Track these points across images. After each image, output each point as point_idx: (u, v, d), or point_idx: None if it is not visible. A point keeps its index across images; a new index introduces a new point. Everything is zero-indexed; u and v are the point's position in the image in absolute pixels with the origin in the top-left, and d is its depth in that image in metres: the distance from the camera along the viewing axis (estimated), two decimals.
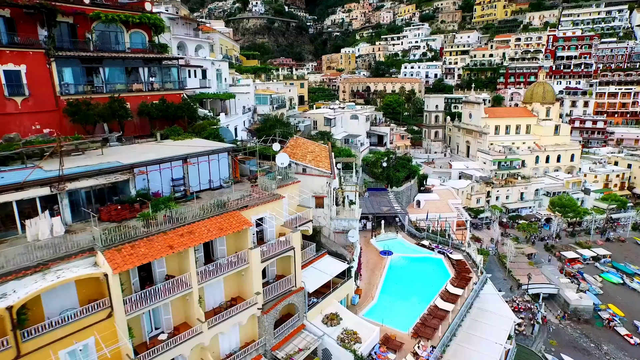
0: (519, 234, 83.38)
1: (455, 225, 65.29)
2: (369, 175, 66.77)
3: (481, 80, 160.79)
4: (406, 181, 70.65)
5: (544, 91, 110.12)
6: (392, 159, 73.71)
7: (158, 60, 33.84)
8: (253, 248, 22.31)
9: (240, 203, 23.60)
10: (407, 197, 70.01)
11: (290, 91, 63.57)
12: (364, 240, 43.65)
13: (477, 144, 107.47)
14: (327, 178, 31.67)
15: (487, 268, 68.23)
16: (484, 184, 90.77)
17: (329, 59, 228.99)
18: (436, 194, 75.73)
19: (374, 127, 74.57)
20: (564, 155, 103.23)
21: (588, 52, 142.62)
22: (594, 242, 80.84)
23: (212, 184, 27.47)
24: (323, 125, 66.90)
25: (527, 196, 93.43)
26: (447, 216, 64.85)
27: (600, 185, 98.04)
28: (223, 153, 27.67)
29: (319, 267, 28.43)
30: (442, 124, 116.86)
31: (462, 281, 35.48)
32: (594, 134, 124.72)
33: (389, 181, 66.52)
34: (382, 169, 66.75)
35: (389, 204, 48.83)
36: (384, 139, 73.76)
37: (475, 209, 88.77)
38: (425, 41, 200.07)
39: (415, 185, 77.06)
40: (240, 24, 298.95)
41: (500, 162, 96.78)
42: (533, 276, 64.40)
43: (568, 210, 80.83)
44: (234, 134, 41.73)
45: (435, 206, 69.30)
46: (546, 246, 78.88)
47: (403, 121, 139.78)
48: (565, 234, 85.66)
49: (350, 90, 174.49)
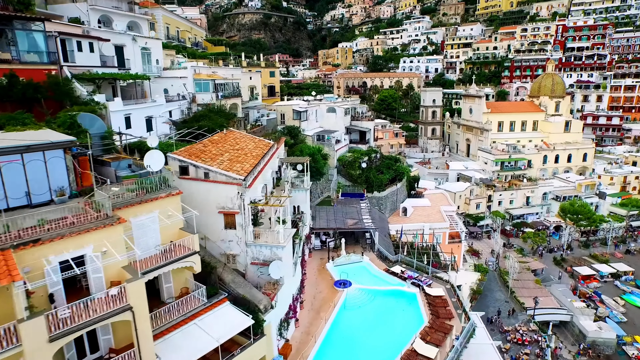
0: (524, 245, 72.67)
1: (448, 237, 54.93)
2: (345, 177, 56.66)
3: (484, 74, 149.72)
4: (391, 184, 60.41)
5: (553, 83, 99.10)
6: (376, 159, 63.47)
7: (6, 20, 24.12)
8: (26, 319, 12.28)
9: (29, 234, 13.74)
10: (392, 204, 59.80)
11: (252, 79, 53.69)
12: (317, 265, 33.73)
13: (478, 142, 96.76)
14: (238, 186, 21.76)
15: (485, 287, 57.81)
16: (484, 186, 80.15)
17: (325, 54, 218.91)
18: (427, 199, 65.36)
19: (355, 121, 64.37)
20: (575, 154, 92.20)
21: (601, 43, 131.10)
22: (611, 255, 69.93)
23: (34, 198, 17.57)
24: (292, 119, 56.98)
25: (533, 201, 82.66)
26: (438, 227, 54.53)
27: (616, 188, 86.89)
28: (54, 150, 17.79)
29: (206, 323, 18.23)
30: (440, 120, 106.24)
31: (438, 333, 25.07)
32: (609, 131, 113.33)
33: (369, 185, 56.33)
34: (362, 170, 56.60)
35: (357, 215, 38.71)
36: (366, 135, 63.59)
37: (475, 216, 78.23)
38: (425, 34, 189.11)
39: (405, 188, 66.78)
40: (236, 19, 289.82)
41: (503, 162, 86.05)
42: (541, 299, 53.91)
43: (581, 218, 70.02)
44: (145, 126, 31.96)
45: (425, 214, 58.99)
46: (556, 259, 68.18)
47: (399, 118, 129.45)
48: (577, 245, 74.79)
49: (345, 86, 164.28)
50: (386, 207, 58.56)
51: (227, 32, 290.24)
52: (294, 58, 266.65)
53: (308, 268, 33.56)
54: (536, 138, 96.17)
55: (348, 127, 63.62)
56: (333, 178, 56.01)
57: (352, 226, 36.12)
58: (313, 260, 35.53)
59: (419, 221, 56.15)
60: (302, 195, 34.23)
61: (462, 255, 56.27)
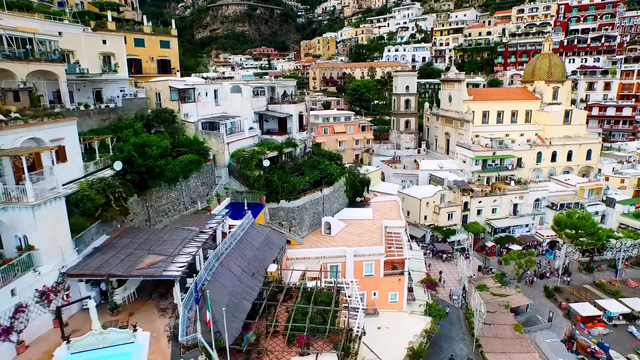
0: (507, 269, 55.41)
1: (382, 268, 37.94)
2: (240, 180, 39.94)
3: (476, 62, 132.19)
4: (315, 190, 43.58)
5: (550, 65, 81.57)
6: (300, 154, 46.76)
7: None
8: None
9: None
10: (313, 217, 42.95)
11: (106, 44, 37.25)
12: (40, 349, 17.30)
13: (458, 137, 79.52)
14: None
15: (444, 334, 40.79)
16: (459, 191, 62.99)
17: (308, 45, 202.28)
18: (372, 209, 48.49)
19: (273, 105, 47.67)
20: (577, 151, 74.68)
21: (610, 23, 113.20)
22: (623, 284, 52.52)
23: None
24: (169, 100, 40.49)
25: (522, 209, 65.35)
26: (368, 253, 37.60)
27: (629, 193, 69.24)
28: None
29: None
30: (415, 111, 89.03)
31: None
32: (619, 124, 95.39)
33: (273, 191, 39.58)
34: (264, 170, 39.84)
35: (174, 248, 21.78)
36: (287, 123, 46.90)
37: (446, 229, 61.21)
38: (414, 22, 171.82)
39: (344, 195, 49.98)
40: (219, 11, 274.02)
41: (485, 160, 68.83)
42: (521, 356, 37.02)
43: (581, 234, 52.63)
44: None
45: (359, 232, 42.12)
46: (547, 290, 50.96)
47: (374, 110, 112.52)
48: (577, 267, 57.49)
49: (321, 77, 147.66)
50: (302, 223, 41.76)
51: (211, 25, 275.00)
52: (280, 52, 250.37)
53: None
54: (530, 131, 78.81)
55: (262, 113, 47.00)
56: (221, 181, 39.33)
57: (144, 271, 19.58)
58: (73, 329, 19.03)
59: (345, 243, 39.30)
60: (25, 216, 17.92)
61: (405, 294, 39.23)
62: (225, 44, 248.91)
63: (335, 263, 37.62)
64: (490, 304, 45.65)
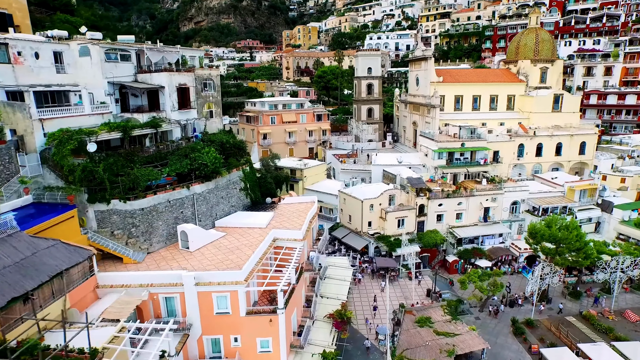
0: (464, 294, 42.26)
1: (242, 303, 25.03)
2: (57, 172, 27.36)
3: (463, 48, 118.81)
4: (179, 186, 30.78)
5: (537, 42, 68.12)
6: (179, 140, 34.08)
7: None
8: None
9: None
10: (170, 225, 30.12)
11: None
12: None
13: (425, 125, 66.36)
14: None
15: None
16: (413, 191, 49.79)
17: (290, 35, 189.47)
18: (274, 214, 35.67)
19: (143, 74, 35.07)
20: (568, 143, 61.29)
21: (614, 1, 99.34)
22: (620, 316, 39.15)
23: None
24: None
25: (496, 214, 52.06)
26: (218, 279, 24.75)
27: (630, 195, 55.72)
28: None
29: None
30: (379, 97, 75.92)
31: None
32: (620, 114, 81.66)
33: (99, 187, 26.93)
34: (90, 158, 27.18)
35: None
36: (159, 98, 34.31)
37: (394, 239, 47.94)
38: (400, 8, 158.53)
39: (240, 195, 37.18)
40: (204, 2, 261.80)
41: (452, 152, 55.65)
42: None
43: (563, 249, 39.34)
44: None
45: (231, 247, 29.30)
46: (516, 324, 37.60)
47: (342, 100, 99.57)
48: (562, 290, 44.24)
49: (295, 67, 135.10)
50: (152, 232, 29.04)
51: (195, 17, 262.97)
52: (267, 44, 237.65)
53: None
54: (512, 120, 65.54)
55: (126, 84, 34.43)
56: (24, 171, 26.61)
57: None
58: None
59: (201, 264, 26.49)
60: None
61: (283, 340, 26.15)
62: (208, 36, 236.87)
63: (170, 294, 24.89)
64: (431, 347, 32.69)
